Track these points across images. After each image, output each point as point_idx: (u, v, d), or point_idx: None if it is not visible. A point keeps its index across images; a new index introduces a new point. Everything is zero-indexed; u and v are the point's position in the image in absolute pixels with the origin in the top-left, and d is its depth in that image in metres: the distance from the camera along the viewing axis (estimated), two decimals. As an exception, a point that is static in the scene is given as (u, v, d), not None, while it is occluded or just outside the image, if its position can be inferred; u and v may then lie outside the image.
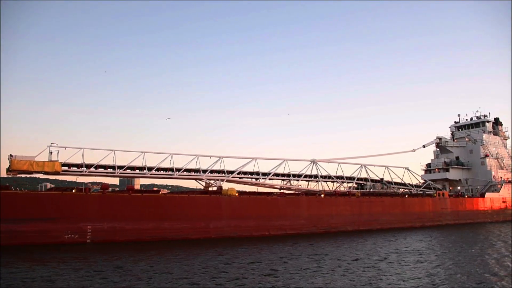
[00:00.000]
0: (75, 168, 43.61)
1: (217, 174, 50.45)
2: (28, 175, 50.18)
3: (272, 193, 47.68)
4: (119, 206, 36.36)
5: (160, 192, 44.63)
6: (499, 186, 71.09)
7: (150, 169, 46.82)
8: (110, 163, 45.15)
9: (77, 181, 46.36)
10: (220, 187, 47.43)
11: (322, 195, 49.90)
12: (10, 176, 43.01)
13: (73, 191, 36.01)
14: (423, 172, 75.65)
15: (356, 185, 63.55)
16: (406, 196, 59.54)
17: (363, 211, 51.35)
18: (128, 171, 46.52)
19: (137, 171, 46.84)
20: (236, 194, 43.18)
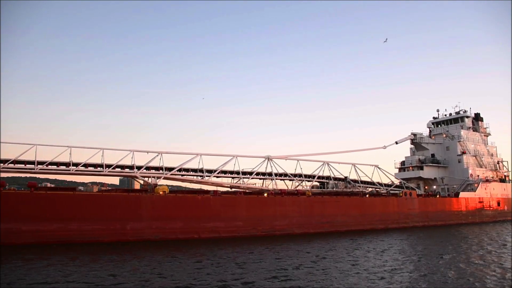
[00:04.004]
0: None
1: (154, 171, 46.56)
2: (28, 175, 47.14)
3: (209, 191, 43.62)
4: (16, 206, 32.51)
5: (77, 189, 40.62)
6: (476, 185, 66.40)
7: (76, 165, 43.17)
8: (32, 158, 41.70)
9: (77, 181, 43.39)
10: (154, 185, 43.67)
11: (265, 194, 45.73)
12: (10, 176, 40.23)
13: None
14: (397, 171, 71.27)
15: (318, 184, 59.49)
16: (367, 195, 55.12)
17: (314, 212, 47.04)
18: (53, 167, 42.97)
19: (63, 167, 43.22)
20: (161, 193, 39.26)
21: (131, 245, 33.38)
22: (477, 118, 75.24)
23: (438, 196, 63.22)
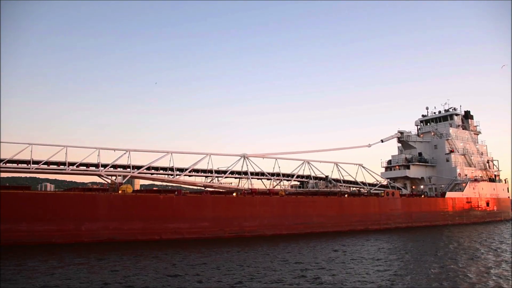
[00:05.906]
0: None
1: (121, 170, 44.78)
2: (28, 175, 45.13)
3: (175, 191, 41.93)
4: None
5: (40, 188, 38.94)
6: (463, 184, 64.24)
7: (37, 162, 41.51)
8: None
9: (77, 181, 41.94)
10: (119, 184, 41.99)
11: (234, 194, 43.92)
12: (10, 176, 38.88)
13: None
14: (383, 170, 69.19)
15: (298, 183, 57.58)
16: (346, 195, 53.15)
17: (288, 212, 45.12)
18: (13, 165, 41.24)
19: (24, 165, 41.51)
20: (120, 192, 37.58)
21: (84, 246, 31.65)
22: (467, 116, 73.09)
23: (423, 196, 61.15)
